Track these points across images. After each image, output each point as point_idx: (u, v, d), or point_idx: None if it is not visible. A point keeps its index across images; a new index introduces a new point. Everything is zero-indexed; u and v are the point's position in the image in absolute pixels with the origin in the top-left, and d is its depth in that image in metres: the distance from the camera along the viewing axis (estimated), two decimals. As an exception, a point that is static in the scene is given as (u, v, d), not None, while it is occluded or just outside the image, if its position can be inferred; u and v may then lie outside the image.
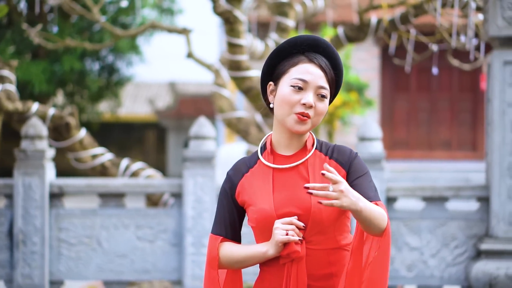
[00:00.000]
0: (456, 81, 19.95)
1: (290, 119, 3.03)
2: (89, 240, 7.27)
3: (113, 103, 20.13)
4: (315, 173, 3.07)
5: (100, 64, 18.74)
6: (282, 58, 3.11)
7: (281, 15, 9.60)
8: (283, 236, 2.96)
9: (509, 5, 6.78)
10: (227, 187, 3.15)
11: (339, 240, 3.08)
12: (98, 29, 16.65)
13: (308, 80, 3.03)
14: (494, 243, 6.85)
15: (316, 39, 3.11)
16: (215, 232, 3.15)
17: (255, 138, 8.90)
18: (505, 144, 6.85)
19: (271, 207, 3.02)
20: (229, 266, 3.11)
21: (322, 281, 3.05)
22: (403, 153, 18.54)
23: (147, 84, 32.32)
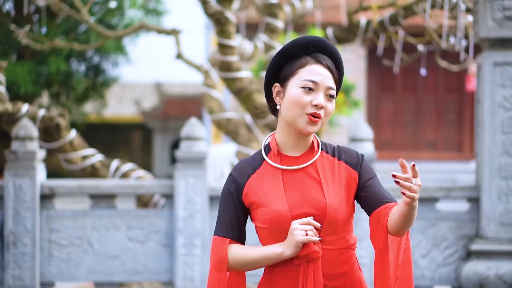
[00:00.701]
0: (442, 82, 20.03)
1: (302, 120, 3.04)
2: (80, 242, 7.26)
3: (98, 104, 20.09)
4: (326, 174, 3.09)
5: (86, 65, 18.69)
6: (288, 59, 3.11)
7: (271, 16, 9.61)
8: (304, 237, 2.96)
9: (499, 7, 6.82)
10: (231, 188, 3.12)
11: (348, 239, 3.11)
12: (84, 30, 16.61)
13: (318, 81, 3.04)
14: (484, 243, 6.89)
15: (322, 40, 3.13)
16: (222, 234, 3.11)
17: (245, 139, 8.91)
18: (495, 145, 6.89)
19: (286, 208, 3.02)
20: (239, 268, 3.09)
21: (336, 281, 3.07)
22: (389, 154, 18.58)
23: (132, 84, 32.26)
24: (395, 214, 2.99)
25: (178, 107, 27.92)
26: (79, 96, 18.43)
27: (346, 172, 3.12)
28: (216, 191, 7.25)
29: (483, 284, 6.78)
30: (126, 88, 31.61)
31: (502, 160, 6.88)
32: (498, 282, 6.77)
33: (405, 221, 2.97)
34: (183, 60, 9.38)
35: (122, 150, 29.83)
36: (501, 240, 6.87)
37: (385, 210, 3.08)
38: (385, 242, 3.07)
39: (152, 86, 31.48)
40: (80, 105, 19.02)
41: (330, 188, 3.07)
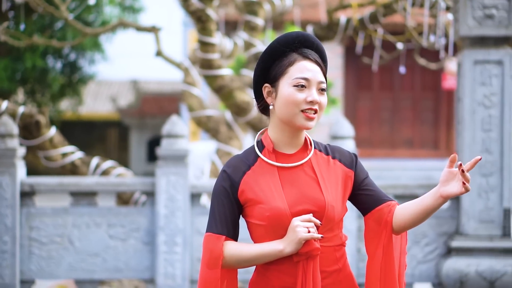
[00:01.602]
0: (419, 80, 20.13)
1: (299, 117, 3.05)
2: (61, 239, 7.23)
3: (74, 101, 20.00)
4: (322, 172, 3.11)
5: (62, 62, 18.61)
6: (275, 58, 3.11)
7: (251, 13, 9.61)
8: (306, 234, 2.97)
9: (479, 5, 6.86)
10: (226, 185, 3.09)
11: (341, 237, 3.14)
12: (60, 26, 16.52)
13: (309, 77, 3.05)
14: (464, 240, 6.93)
15: (306, 35, 3.13)
16: (216, 231, 3.08)
17: (225, 137, 8.92)
18: (475, 142, 6.93)
19: (285, 205, 3.02)
20: (236, 265, 3.08)
21: (332, 277, 3.09)
22: (366, 152, 18.66)
23: (108, 82, 32.12)
24: (414, 206, 3.10)
25: (155, 105, 27.87)
26: (55, 93, 18.33)
27: (341, 171, 3.15)
28: (197, 188, 7.24)
29: (463, 281, 6.83)
30: (102, 85, 31.48)
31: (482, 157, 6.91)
32: (478, 278, 6.81)
33: (426, 217, 3.08)
34: (163, 57, 9.36)
35: (98, 148, 29.70)
36: (480, 237, 6.92)
37: (388, 207, 3.14)
38: (390, 239, 3.13)
39: (128, 83, 31.40)
40: (56, 102, 18.92)
41: (327, 185, 3.08)
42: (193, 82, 9.32)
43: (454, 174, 2.98)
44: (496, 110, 6.90)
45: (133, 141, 28.88)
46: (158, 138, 27.04)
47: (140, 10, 18.65)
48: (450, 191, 2.98)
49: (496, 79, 6.90)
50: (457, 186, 2.97)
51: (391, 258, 3.14)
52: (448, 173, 2.99)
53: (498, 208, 6.91)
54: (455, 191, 2.97)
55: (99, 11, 17.30)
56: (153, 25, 9.03)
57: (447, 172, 2.99)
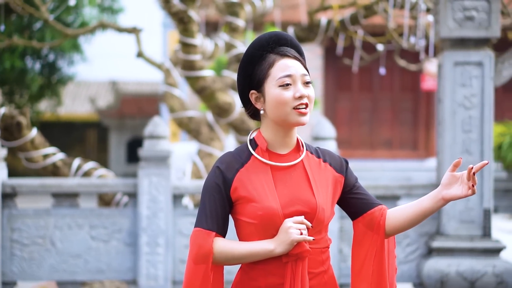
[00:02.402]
0: (398, 81, 20.22)
1: (292, 116, 3.05)
2: (43, 241, 7.21)
3: (53, 102, 19.93)
4: (314, 174, 3.12)
5: (41, 62, 18.53)
6: (254, 64, 3.12)
7: (232, 15, 9.62)
8: (299, 236, 2.98)
9: (459, 7, 6.91)
10: (219, 181, 3.08)
11: (327, 239, 3.15)
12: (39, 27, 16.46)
13: (292, 73, 3.05)
14: (445, 240, 6.98)
15: (278, 34, 3.14)
16: (207, 227, 3.06)
17: (207, 138, 8.92)
18: (455, 143, 6.98)
19: (278, 205, 3.03)
20: (224, 262, 3.07)
21: (317, 279, 3.11)
22: (346, 153, 18.71)
23: (87, 83, 32.02)
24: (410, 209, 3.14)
25: (134, 106, 27.81)
26: (34, 94, 18.26)
27: (331, 174, 3.16)
28: (179, 189, 7.25)
29: (444, 281, 6.88)
30: (81, 86, 31.38)
31: (462, 158, 6.96)
32: (458, 278, 6.86)
33: (423, 219, 3.13)
34: (144, 58, 9.35)
35: (77, 149, 29.61)
36: (461, 237, 6.97)
37: (380, 211, 3.17)
38: (383, 243, 3.16)
39: (107, 84, 31.32)
40: (34, 103, 18.85)
41: (318, 188, 3.09)
42: (174, 83, 9.32)
43: (457, 178, 3.03)
44: (476, 111, 6.96)
45: (113, 142, 28.80)
46: (137, 139, 27.01)
47: (119, 11, 18.61)
48: (453, 193, 3.03)
49: (476, 81, 6.95)
50: (461, 189, 3.02)
51: (382, 262, 3.17)
52: (451, 177, 3.04)
53: (478, 209, 6.96)
54: (459, 193, 3.02)
55: (78, 12, 17.25)
56: (134, 26, 9.02)
57: (450, 175, 3.04)
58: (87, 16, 17.62)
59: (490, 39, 6.96)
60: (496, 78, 7.10)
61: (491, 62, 6.95)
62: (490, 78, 6.94)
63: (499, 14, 6.94)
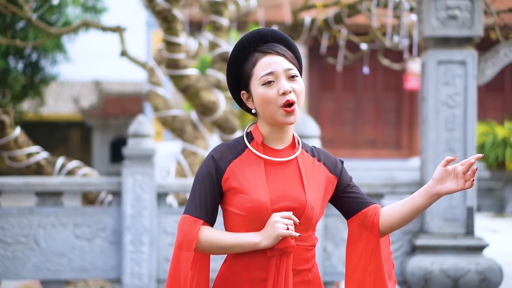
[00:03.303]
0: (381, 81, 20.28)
1: (279, 114, 3.05)
2: (26, 239, 7.19)
3: (36, 102, 19.85)
4: (307, 172, 3.13)
5: (23, 62, 18.46)
6: (239, 65, 3.13)
7: (215, 14, 9.63)
8: (285, 231, 2.99)
9: (443, 6, 6.94)
10: (211, 170, 3.09)
11: (313, 238, 3.16)
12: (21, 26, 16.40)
13: (273, 70, 3.05)
14: (428, 238, 7.01)
15: (259, 32, 3.14)
16: (195, 214, 3.07)
17: (191, 136, 8.92)
18: (439, 142, 7.01)
19: (267, 199, 3.03)
20: (209, 251, 3.08)
21: (301, 276, 3.12)
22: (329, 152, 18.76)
23: (70, 82, 31.93)
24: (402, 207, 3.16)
25: (118, 105, 27.76)
26: (16, 93, 18.18)
27: (325, 174, 3.17)
28: (164, 188, 7.25)
29: (428, 279, 6.91)
30: (64, 86, 31.29)
31: (445, 156, 7.00)
32: (442, 276, 6.90)
33: (416, 216, 3.14)
34: (128, 57, 9.34)
35: (60, 149, 29.53)
36: (445, 235, 7.00)
37: (373, 210, 3.18)
38: (378, 242, 3.17)
39: (90, 84, 31.24)
40: (17, 103, 18.77)
41: (310, 185, 3.10)
42: (158, 82, 9.32)
43: (450, 172, 3.04)
44: (459, 109, 6.99)
45: (96, 142, 28.74)
46: (121, 138, 26.97)
47: (103, 11, 18.56)
48: (449, 188, 3.05)
49: (459, 79, 6.99)
50: (456, 183, 3.04)
51: (379, 260, 3.18)
52: (443, 172, 3.05)
53: (462, 207, 6.99)
54: (454, 188, 3.04)
55: (61, 11, 17.20)
56: (117, 25, 9.01)
57: (443, 170, 3.05)
58: (70, 15, 17.57)
59: (473, 38, 6.99)
60: (479, 77, 7.13)
61: (474, 61, 6.98)
62: (473, 77, 6.98)
63: (482, 13, 6.97)
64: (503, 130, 16.39)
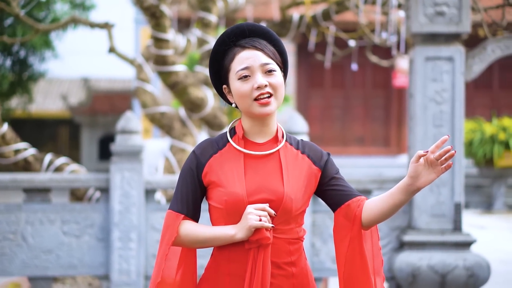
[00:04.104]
0: (370, 78, 20.31)
1: (254, 107, 3.08)
2: (14, 236, 7.16)
3: (24, 99, 19.79)
4: (288, 165, 3.13)
5: (12, 59, 18.39)
6: (220, 60, 3.17)
7: (204, 10, 9.62)
8: (257, 222, 3.00)
9: (430, 3, 6.96)
10: (193, 166, 3.14)
11: (298, 231, 3.15)
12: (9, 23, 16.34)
13: (248, 65, 3.07)
14: (416, 234, 7.03)
15: (238, 27, 3.16)
16: (177, 209, 3.14)
17: (179, 133, 8.91)
18: (427, 138, 7.03)
19: (243, 192, 3.05)
20: (190, 244, 3.13)
21: (283, 269, 3.12)
22: (318, 149, 18.77)
23: (59, 80, 31.87)
24: (383, 202, 3.09)
25: (106, 103, 27.72)
26: (4, 91, 18.12)
27: (308, 166, 3.16)
28: (152, 184, 7.24)
29: (416, 274, 6.92)
30: (53, 83, 31.22)
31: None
32: (429, 272, 6.91)
33: (396, 211, 3.08)
34: (116, 54, 9.32)
35: (49, 146, 29.46)
36: (432, 231, 7.02)
37: (357, 202, 3.14)
38: (360, 233, 3.13)
39: (79, 81, 31.18)
40: (5, 100, 18.71)
41: (290, 178, 3.10)
42: (146, 79, 9.31)
43: (422, 165, 2.98)
44: (447, 106, 7.01)
45: (85, 139, 28.69)
46: (109, 136, 26.93)
47: (91, 8, 18.52)
48: (427, 179, 3.00)
49: (447, 75, 7.01)
50: (433, 172, 2.99)
51: (363, 253, 3.14)
52: (417, 167, 2.98)
53: (449, 203, 7.02)
54: (433, 177, 2.99)
55: (50, 8, 17.15)
56: (106, 21, 8.99)
57: (416, 166, 2.99)
58: (59, 12, 17.52)
59: (461, 34, 7.01)
60: (467, 73, 7.15)
61: (461, 57, 7.00)
62: (460, 73, 7.00)
63: (470, 9, 6.99)
64: (491, 127, 16.44)
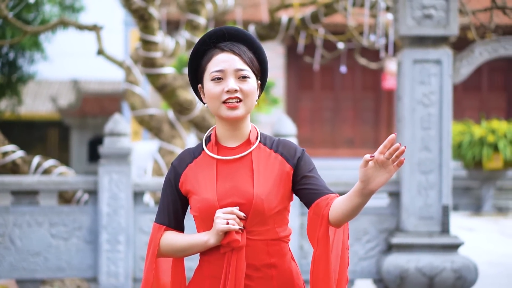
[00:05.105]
0: (359, 80, 20.33)
1: (222, 109, 3.09)
2: (2, 239, 7.14)
3: (13, 101, 19.75)
4: (259, 166, 3.12)
5: (0, 61, 18.36)
6: (200, 58, 3.18)
7: (193, 12, 9.62)
8: (224, 225, 3.01)
9: (418, 6, 6.98)
10: (171, 177, 3.19)
11: (278, 231, 3.13)
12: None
13: (223, 68, 3.09)
14: (404, 237, 7.04)
15: (221, 29, 3.17)
16: (158, 221, 3.20)
17: (168, 135, 8.91)
18: (415, 140, 7.05)
19: (214, 197, 3.07)
20: (171, 254, 3.17)
21: (262, 272, 3.11)
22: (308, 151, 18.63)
23: (48, 81, 31.81)
24: (343, 204, 2.97)
25: (96, 105, 27.70)
26: (-7, 93, 18.12)
27: (280, 165, 3.14)
28: (140, 187, 7.24)
29: (404, 277, 6.94)
30: (42, 85, 31.17)
31: (421, 155, 7.04)
32: (417, 274, 6.93)
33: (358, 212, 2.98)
34: (105, 56, 9.31)
35: (38, 148, 29.41)
36: (420, 234, 7.03)
37: (326, 201, 3.05)
38: (326, 233, 3.04)
39: (68, 83, 31.14)
40: (-7, 102, 18.70)
41: (261, 179, 3.09)
42: (135, 81, 9.30)
43: (373, 168, 2.84)
44: (435, 108, 7.03)
45: (74, 141, 28.64)
46: (99, 138, 26.89)
47: (81, 10, 18.51)
48: (380, 181, 2.85)
49: (435, 78, 7.03)
50: (385, 173, 2.84)
51: (326, 251, 3.04)
52: (367, 172, 2.85)
53: (437, 205, 7.03)
54: (385, 178, 2.85)
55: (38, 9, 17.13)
56: (94, 23, 8.97)
57: (365, 171, 2.84)
58: (48, 14, 17.51)
59: (449, 37, 7.04)
60: (455, 76, 7.17)
61: (449, 60, 7.03)
62: (448, 75, 7.02)
63: (457, 12, 7.02)
64: (480, 130, 16.48)
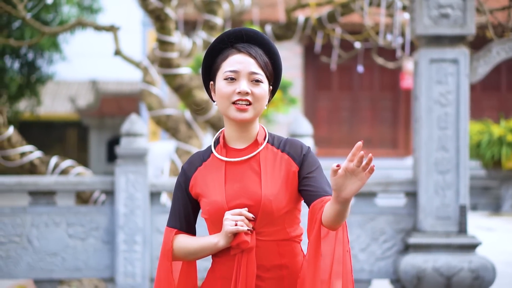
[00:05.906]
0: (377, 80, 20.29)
1: (231, 110, 3.09)
2: (19, 239, 7.18)
3: (32, 102, 19.83)
4: (267, 166, 3.11)
5: (20, 62, 18.43)
6: (215, 56, 3.18)
7: (209, 13, 9.64)
8: (232, 227, 3.01)
9: (434, 5, 6.96)
10: (181, 180, 3.20)
11: (289, 232, 3.12)
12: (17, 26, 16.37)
13: (238, 69, 3.09)
14: (421, 237, 7.02)
15: (241, 30, 3.17)
16: (170, 224, 3.21)
17: (185, 136, 8.92)
18: (432, 140, 7.02)
19: (223, 199, 3.07)
20: (183, 257, 3.18)
21: (273, 272, 3.10)
22: (326, 151, 18.76)
23: (67, 82, 31.94)
24: (327, 211, 2.90)
25: (114, 105, 27.79)
26: (13, 93, 18.16)
27: (287, 164, 3.12)
28: (157, 187, 7.25)
29: (421, 277, 6.92)
30: (61, 85, 31.29)
31: (438, 155, 7.02)
32: (435, 274, 6.90)
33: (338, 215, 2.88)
34: (122, 56, 9.34)
35: (57, 148, 29.53)
36: (437, 233, 7.01)
37: (320, 203, 3.00)
38: (317, 236, 2.97)
39: (87, 83, 31.25)
40: (13, 102, 18.75)
41: (269, 179, 3.08)
42: (152, 81, 9.32)
43: (344, 177, 2.76)
44: (452, 108, 7.00)
45: (93, 141, 28.76)
46: (117, 138, 26.97)
47: (99, 11, 18.56)
48: (352, 189, 2.77)
49: (451, 78, 7.00)
50: (356, 181, 2.76)
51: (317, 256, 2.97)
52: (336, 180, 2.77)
53: (454, 205, 7.01)
54: (357, 185, 2.77)
55: (57, 10, 17.19)
56: (111, 24, 9.00)
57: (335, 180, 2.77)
58: (66, 15, 17.56)
59: (466, 36, 7.01)
60: (472, 76, 7.14)
61: (466, 59, 7.00)
62: (465, 75, 6.99)
63: (474, 11, 6.99)
64: (499, 129, 16.40)
